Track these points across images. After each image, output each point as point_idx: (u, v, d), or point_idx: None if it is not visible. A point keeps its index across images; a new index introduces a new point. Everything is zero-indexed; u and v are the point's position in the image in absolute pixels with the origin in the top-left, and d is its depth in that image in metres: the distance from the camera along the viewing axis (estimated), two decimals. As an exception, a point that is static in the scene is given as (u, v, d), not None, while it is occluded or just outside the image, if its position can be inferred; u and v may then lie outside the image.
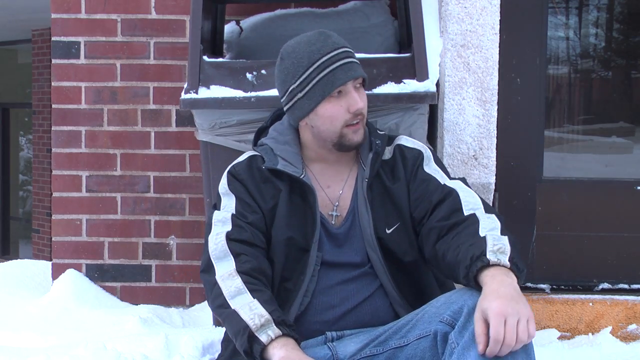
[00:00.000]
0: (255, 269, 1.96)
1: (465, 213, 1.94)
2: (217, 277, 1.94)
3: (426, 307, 1.87)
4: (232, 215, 2.03)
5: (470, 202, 1.97)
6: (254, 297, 1.87)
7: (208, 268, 1.99)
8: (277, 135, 2.14)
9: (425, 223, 2.00)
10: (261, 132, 2.25)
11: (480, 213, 1.93)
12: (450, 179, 2.07)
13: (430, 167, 2.09)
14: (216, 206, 2.09)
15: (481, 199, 2.00)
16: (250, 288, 1.90)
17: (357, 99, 2.01)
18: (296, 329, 1.86)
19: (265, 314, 1.83)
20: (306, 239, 2.03)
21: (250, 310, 1.85)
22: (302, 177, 2.05)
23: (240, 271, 1.94)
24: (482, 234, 1.85)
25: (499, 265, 1.72)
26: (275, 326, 1.81)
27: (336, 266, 2.05)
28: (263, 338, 1.79)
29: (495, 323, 1.62)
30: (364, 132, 2.07)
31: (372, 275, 2.05)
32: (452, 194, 1.99)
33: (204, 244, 2.04)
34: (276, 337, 1.79)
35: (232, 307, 1.87)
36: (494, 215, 1.93)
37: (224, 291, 1.91)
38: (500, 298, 1.64)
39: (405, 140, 2.17)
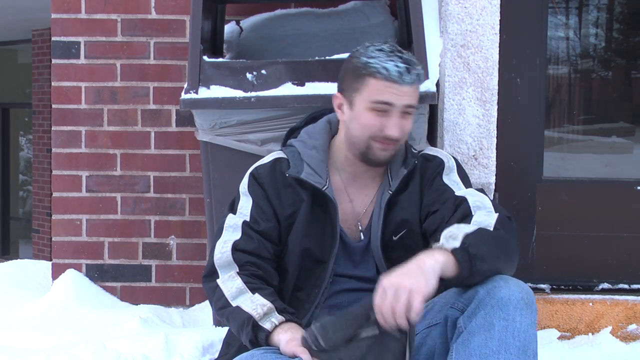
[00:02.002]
0: (257, 275, 1.96)
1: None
2: (218, 281, 1.96)
3: (435, 299, 1.86)
4: (244, 222, 2.02)
5: (479, 204, 1.96)
6: (254, 293, 1.90)
7: (211, 274, 2.00)
8: (307, 139, 2.12)
9: (437, 237, 1.99)
10: (292, 132, 2.23)
11: (480, 212, 1.93)
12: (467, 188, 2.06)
13: (450, 178, 2.07)
14: (234, 204, 2.08)
15: (493, 202, 1.98)
16: (250, 287, 1.92)
17: (394, 125, 1.97)
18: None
19: (267, 303, 1.86)
20: (323, 252, 2.02)
21: (252, 302, 1.87)
22: (324, 188, 2.03)
23: (242, 273, 1.95)
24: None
25: (441, 248, 1.74)
26: (277, 313, 1.85)
27: (347, 276, 2.05)
28: (267, 325, 1.82)
29: (377, 294, 1.64)
30: (396, 152, 2.04)
31: None
32: (462, 203, 1.98)
33: (211, 249, 2.03)
34: (280, 324, 1.83)
35: (234, 305, 1.89)
36: (493, 214, 1.91)
37: (225, 292, 1.93)
38: (395, 273, 1.66)
39: (428, 150, 2.17)
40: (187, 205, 3.23)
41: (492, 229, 1.85)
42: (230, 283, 1.94)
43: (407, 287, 1.63)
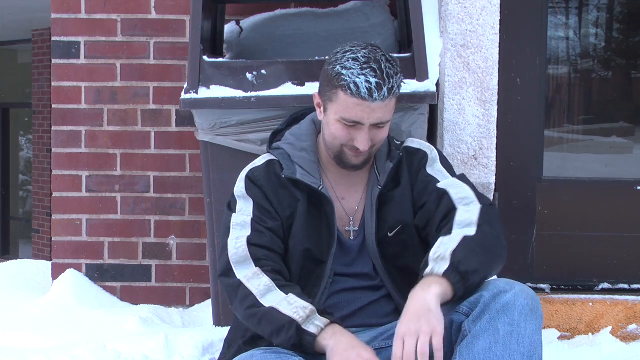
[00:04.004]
0: (277, 270, 1.95)
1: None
2: (241, 278, 1.92)
3: None
4: (252, 219, 2.00)
5: (461, 196, 1.97)
6: (287, 293, 1.86)
7: (227, 271, 1.96)
8: (295, 141, 2.12)
9: (429, 232, 2.01)
10: (276, 135, 2.23)
11: (462, 207, 1.93)
12: (452, 177, 2.07)
13: (434, 169, 2.08)
14: (230, 208, 2.06)
15: (474, 190, 1.99)
16: (279, 284, 1.89)
17: (362, 141, 1.96)
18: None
19: (307, 305, 1.83)
20: (322, 252, 2.02)
21: (290, 304, 1.83)
22: (320, 188, 2.03)
23: (265, 270, 1.92)
24: (449, 233, 1.87)
25: (432, 274, 1.76)
26: (320, 316, 1.81)
27: (345, 275, 2.04)
28: (312, 329, 1.78)
29: (395, 345, 1.68)
30: (371, 157, 2.05)
31: (379, 286, 2.05)
32: (444, 196, 1.99)
33: (222, 247, 2.00)
34: (325, 327, 1.79)
35: (267, 305, 1.85)
36: (475, 207, 1.92)
37: (253, 290, 1.89)
38: (404, 318, 1.70)
39: (411, 142, 2.16)
40: (187, 205, 3.23)
41: (475, 232, 1.86)
42: (256, 281, 1.90)
43: (427, 332, 1.67)
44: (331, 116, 1.99)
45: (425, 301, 1.71)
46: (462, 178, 2.06)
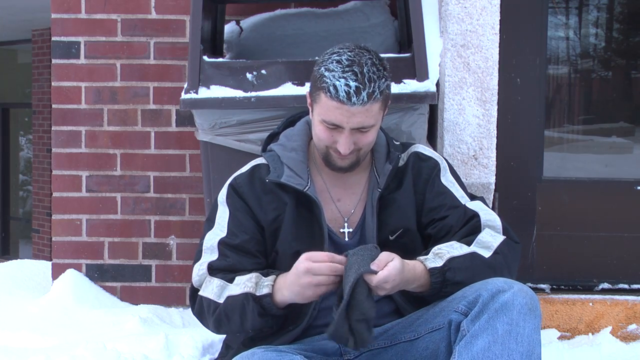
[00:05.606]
0: (229, 272, 1.97)
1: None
2: (199, 294, 1.96)
3: (438, 302, 1.88)
4: (219, 242, 2.01)
5: (490, 224, 2.00)
6: (233, 281, 1.90)
7: (192, 296, 2.01)
8: (286, 142, 2.12)
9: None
10: (272, 138, 2.23)
11: (489, 230, 1.97)
12: (471, 199, 2.08)
13: (447, 179, 2.09)
14: (212, 214, 2.07)
15: (502, 221, 2.02)
16: (228, 279, 1.92)
17: (343, 144, 1.96)
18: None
19: (251, 275, 1.88)
20: None
21: (237, 285, 1.88)
22: (306, 189, 2.02)
23: (214, 275, 1.96)
24: (466, 244, 1.93)
25: (423, 263, 1.87)
26: (265, 277, 1.87)
27: None
28: (265, 290, 1.84)
29: (387, 271, 1.77)
30: (360, 159, 2.03)
31: None
32: (474, 218, 2.01)
33: (192, 269, 2.04)
34: (273, 282, 1.85)
35: (222, 301, 1.89)
36: (501, 237, 1.95)
37: (210, 296, 1.92)
38: (404, 271, 1.81)
39: (422, 149, 2.15)
40: (187, 205, 3.23)
41: (489, 255, 1.90)
42: (209, 287, 1.94)
43: (394, 288, 1.80)
44: (315, 117, 1.99)
45: (410, 284, 1.84)
46: (482, 200, 2.09)
